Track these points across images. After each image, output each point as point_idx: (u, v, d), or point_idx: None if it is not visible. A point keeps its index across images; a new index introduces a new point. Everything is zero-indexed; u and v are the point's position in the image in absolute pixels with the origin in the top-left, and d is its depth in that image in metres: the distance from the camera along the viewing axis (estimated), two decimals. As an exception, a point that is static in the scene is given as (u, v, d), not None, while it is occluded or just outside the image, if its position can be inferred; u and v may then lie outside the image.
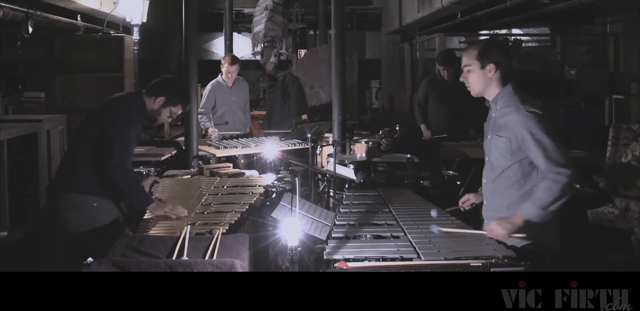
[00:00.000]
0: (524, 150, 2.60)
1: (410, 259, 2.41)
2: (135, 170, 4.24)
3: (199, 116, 6.28)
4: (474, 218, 3.14)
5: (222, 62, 6.37)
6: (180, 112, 3.41)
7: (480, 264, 2.31)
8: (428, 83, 6.12)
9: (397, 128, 5.31)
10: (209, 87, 6.40)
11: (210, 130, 6.15)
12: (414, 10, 9.49)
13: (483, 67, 2.67)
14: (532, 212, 2.51)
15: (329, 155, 5.20)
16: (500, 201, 2.71)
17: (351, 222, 2.96)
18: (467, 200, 3.03)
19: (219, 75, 6.40)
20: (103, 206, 3.20)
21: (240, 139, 5.81)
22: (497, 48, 2.74)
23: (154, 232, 2.91)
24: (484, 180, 2.82)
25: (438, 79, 6.04)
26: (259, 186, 3.68)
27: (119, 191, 3.17)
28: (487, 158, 2.79)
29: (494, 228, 2.56)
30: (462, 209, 3.07)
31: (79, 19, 7.18)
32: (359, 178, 4.56)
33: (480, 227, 2.80)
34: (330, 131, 5.55)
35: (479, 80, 2.69)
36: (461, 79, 2.77)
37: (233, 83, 6.36)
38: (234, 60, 6.32)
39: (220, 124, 6.30)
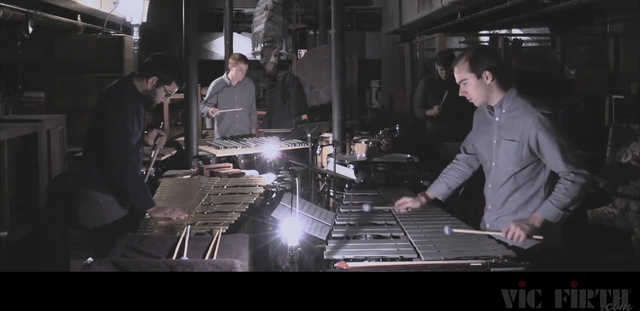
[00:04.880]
0: (536, 153, 2.57)
1: (410, 259, 2.41)
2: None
3: (200, 106, 6.24)
4: (473, 217, 3.14)
5: (230, 60, 6.32)
6: (176, 89, 3.31)
7: (480, 264, 2.31)
8: (426, 83, 6.10)
9: (397, 128, 5.30)
10: (212, 84, 6.37)
11: (210, 111, 6.11)
12: (414, 10, 9.49)
13: (479, 76, 2.64)
14: (551, 213, 2.48)
15: (329, 155, 5.19)
16: (507, 205, 2.69)
17: (351, 222, 2.96)
18: (403, 203, 2.98)
19: (225, 74, 6.38)
20: (109, 203, 3.22)
21: (240, 139, 5.81)
22: (486, 54, 2.68)
23: (154, 232, 2.91)
24: (489, 185, 2.78)
25: (436, 79, 6.02)
26: (259, 186, 3.68)
27: (124, 190, 3.17)
28: (493, 164, 2.73)
29: (512, 229, 2.49)
30: (396, 210, 3.01)
31: (79, 19, 7.19)
32: (359, 178, 4.56)
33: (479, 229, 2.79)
34: (330, 131, 5.55)
35: (480, 90, 2.66)
36: (461, 94, 2.73)
37: (237, 83, 6.32)
38: (243, 59, 6.26)
39: (221, 124, 6.30)
